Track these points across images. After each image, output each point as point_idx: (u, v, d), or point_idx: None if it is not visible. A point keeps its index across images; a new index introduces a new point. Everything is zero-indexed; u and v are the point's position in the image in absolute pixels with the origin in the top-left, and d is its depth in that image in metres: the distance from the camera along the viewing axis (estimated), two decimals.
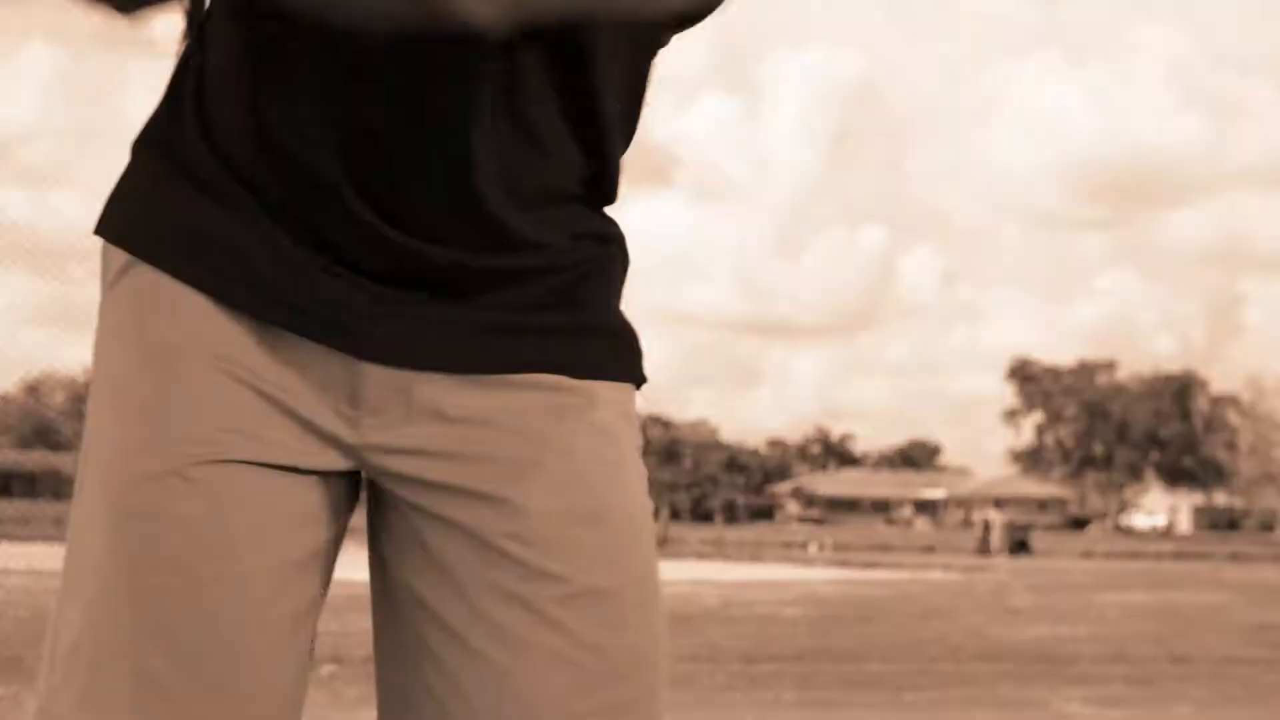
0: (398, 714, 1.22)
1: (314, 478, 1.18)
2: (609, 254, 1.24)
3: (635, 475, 1.22)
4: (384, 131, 1.13)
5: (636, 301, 1.29)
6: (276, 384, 1.15)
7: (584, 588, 1.16)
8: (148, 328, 1.17)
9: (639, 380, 1.26)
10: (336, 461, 1.18)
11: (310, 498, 1.18)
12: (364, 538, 1.26)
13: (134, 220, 1.20)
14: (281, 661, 1.16)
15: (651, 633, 1.20)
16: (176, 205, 1.17)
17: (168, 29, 1.21)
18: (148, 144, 1.21)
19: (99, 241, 1.22)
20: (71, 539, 1.17)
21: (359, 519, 1.27)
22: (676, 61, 1.27)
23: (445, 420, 1.17)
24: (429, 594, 1.18)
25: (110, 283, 1.20)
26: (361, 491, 1.24)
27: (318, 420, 1.16)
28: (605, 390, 1.21)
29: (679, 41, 1.25)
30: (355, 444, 1.17)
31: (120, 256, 1.20)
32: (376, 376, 1.16)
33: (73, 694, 1.13)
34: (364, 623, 1.29)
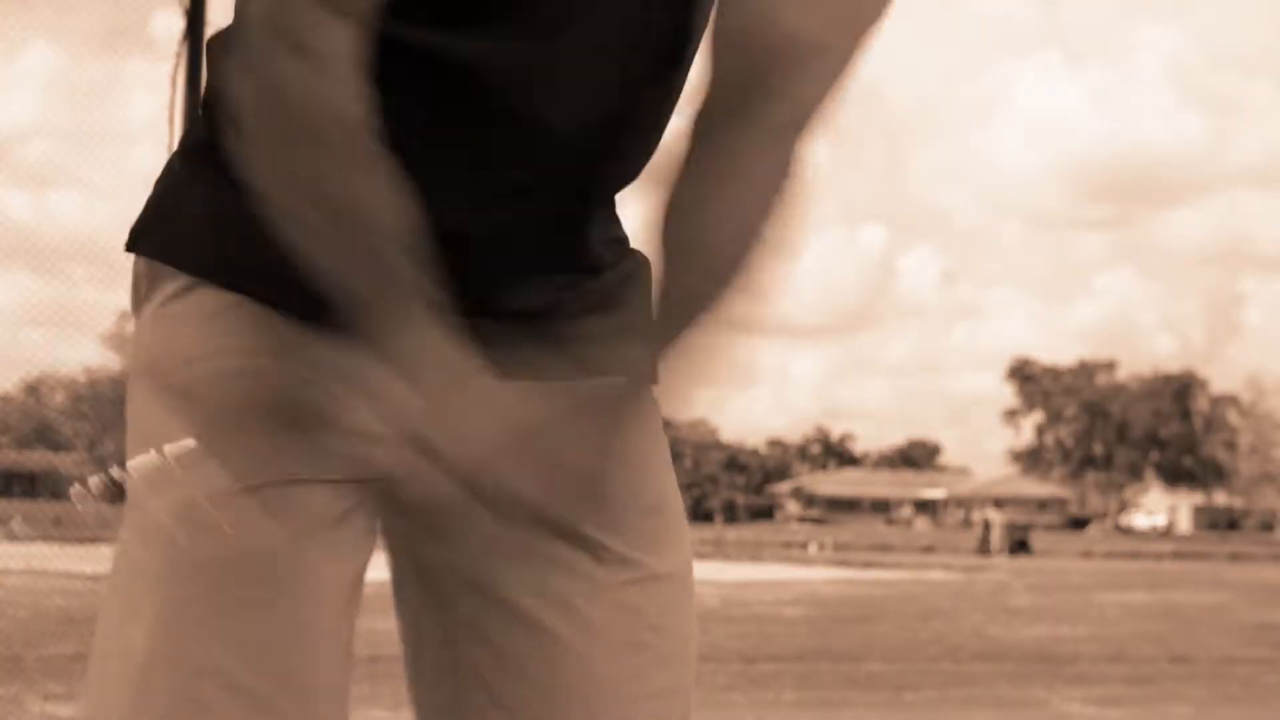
0: (441, 700, 1.23)
1: (376, 486, 1.17)
2: (640, 258, 1.27)
3: (673, 473, 1.27)
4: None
5: None
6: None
7: (651, 572, 1.20)
8: (222, 351, 1.13)
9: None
10: None
11: (370, 507, 1.18)
12: None
13: (191, 241, 1.16)
14: (345, 669, 1.17)
15: (693, 619, 1.24)
16: (241, 224, 1.09)
17: (168, 30, 1.19)
18: (194, 156, 1.17)
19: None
20: (122, 558, 1.14)
21: None
22: None
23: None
24: (492, 579, 1.19)
25: (166, 298, 1.16)
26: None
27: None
28: (652, 392, 1.25)
29: None
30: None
31: (174, 276, 1.16)
32: None
33: (153, 715, 1.10)
34: (367, 622, 1.29)
